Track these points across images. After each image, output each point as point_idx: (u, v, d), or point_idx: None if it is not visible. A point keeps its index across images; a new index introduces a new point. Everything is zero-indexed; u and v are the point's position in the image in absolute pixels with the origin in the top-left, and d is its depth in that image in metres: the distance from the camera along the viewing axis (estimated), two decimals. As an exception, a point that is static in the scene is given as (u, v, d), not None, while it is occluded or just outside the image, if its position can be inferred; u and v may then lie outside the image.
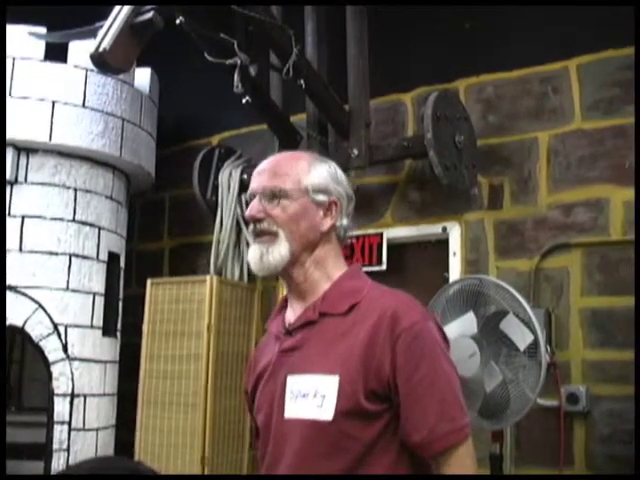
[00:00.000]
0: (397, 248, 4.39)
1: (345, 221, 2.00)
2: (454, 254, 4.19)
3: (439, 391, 1.79)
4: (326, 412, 1.78)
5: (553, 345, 3.73)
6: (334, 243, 2.00)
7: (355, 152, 4.14)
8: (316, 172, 1.95)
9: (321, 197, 1.94)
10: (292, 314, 1.98)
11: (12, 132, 4.32)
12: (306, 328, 1.91)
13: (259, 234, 1.95)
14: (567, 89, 3.99)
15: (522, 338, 3.12)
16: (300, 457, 1.81)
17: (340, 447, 1.78)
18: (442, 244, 4.26)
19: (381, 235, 4.38)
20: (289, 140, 4.40)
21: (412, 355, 1.78)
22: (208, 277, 4.49)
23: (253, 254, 1.95)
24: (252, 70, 3.64)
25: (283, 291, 4.63)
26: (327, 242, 1.97)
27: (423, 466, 1.83)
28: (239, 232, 4.69)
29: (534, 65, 4.08)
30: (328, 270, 1.97)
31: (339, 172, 2.02)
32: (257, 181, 1.98)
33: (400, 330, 1.79)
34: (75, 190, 4.53)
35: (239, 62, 3.51)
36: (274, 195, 1.92)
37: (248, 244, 4.64)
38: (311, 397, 1.81)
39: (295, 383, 1.85)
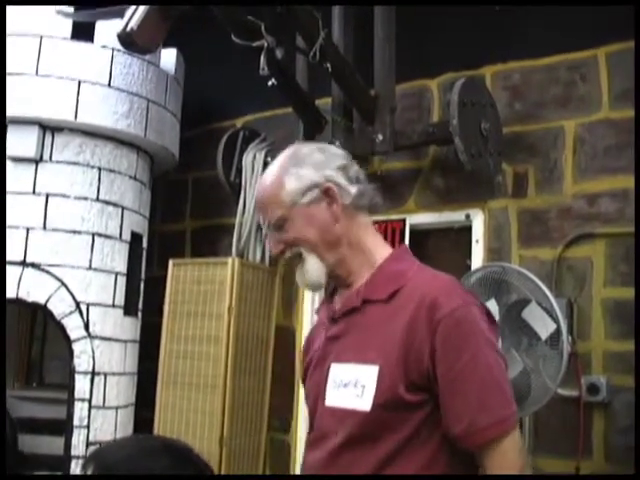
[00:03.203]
0: (420, 234, 4.38)
1: (354, 188, 1.90)
2: (477, 241, 4.17)
3: (480, 381, 1.73)
4: (365, 402, 1.76)
5: (575, 335, 3.70)
6: (361, 220, 1.93)
7: (380, 137, 4.12)
8: (289, 180, 1.88)
9: (310, 195, 1.87)
10: (339, 301, 1.94)
11: (38, 110, 4.34)
12: (350, 315, 1.88)
13: (290, 262, 1.94)
14: (595, 78, 3.95)
15: (544, 327, 3.11)
16: (339, 446, 1.80)
17: (379, 437, 1.76)
18: (465, 231, 4.25)
19: (404, 221, 4.37)
20: (314, 124, 4.40)
21: (452, 343, 1.73)
22: (230, 259, 4.50)
23: (299, 281, 1.94)
24: (278, 53, 3.62)
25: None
26: (351, 225, 1.91)
27: (466, 457, 1.78)
28: (262, 214, 4.69)
29: (562, 53, 4.04)
30: (368, 254, 1.92)
31: (314, 155, 1.92)
32: (261, 218, 1.97)
33: (440, 317, 1.74)
34: (99, 169, 4.55)
35: (266, 44, 3.50)
36: (277, 225, 1.90)
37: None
38: (352, 386, 1.79)
39: (338, 371, 1.84)
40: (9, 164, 4.38)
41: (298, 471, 4.35)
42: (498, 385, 1.75)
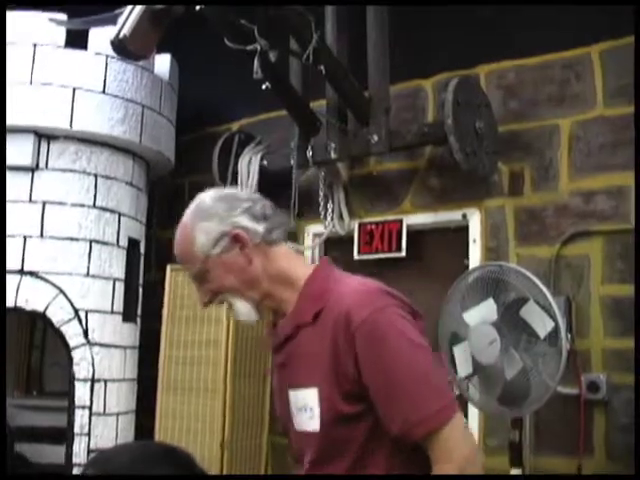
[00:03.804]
0: (417, 235, 4.38)
1: (261, 226, 1.95)
2: (474, 241, 4.18)
3: (405, 380, 1.77)
4: (315, 423, 1.85)
5: (573, 333, 3.71)
6: (277, 251, 1.99)
7: (375, 138, 4.12)
8: (199, 235, 1.93)
9: (221, 245, 1.92)
10: (279, 330, 2.00)
11: (33, 119, 4.35)
12: (288, 342, 1.95)
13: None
14: (589, 75, 3.95)
15: (542, 325, 3.11)
16: (311, 463, 1.89)
17: (337, 453, 1.84)
18: (462, 231, 4.25)
19: (401, 221, 4.37)
20: (309, 126, 4.40)
21: (371, 351, 1.78)
22: (228, 263, 4.49)
23: (237, 319, 2.02)
24: (272, 56, 3.63)
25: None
26: (267, 260, 1.96)
27: (420, 453, 1.79)
28: (258, 218, 4.69)
29: (556, 51, 4.05)
30: (291, 281, 1.97)
31: (217, 205, 1.96)
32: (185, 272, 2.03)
33: (354, 329, 1.79)
34: (95, 176, 4.56)
35: (259, 48, 3.51)
36: (199, 278, 1.96)
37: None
38: (304, 410, 1.89)
39: (293, 398, 1.92)
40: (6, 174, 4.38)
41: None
42: (424, 380, 1.79)
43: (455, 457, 1.74)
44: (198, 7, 3.36)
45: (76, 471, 4.24)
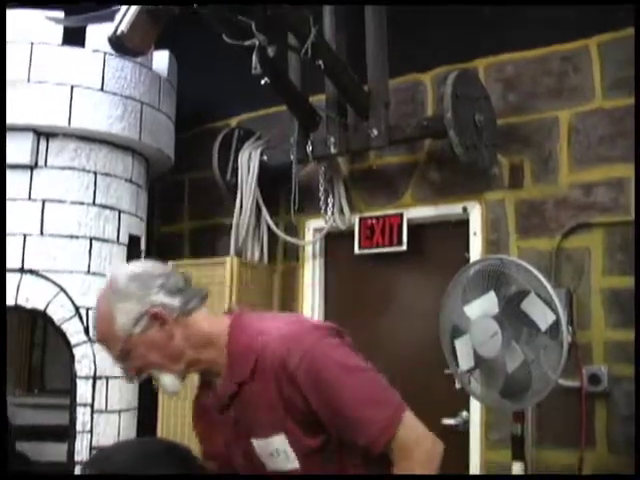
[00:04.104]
0: (417, 228, 4.38)
1: (177, 300, 2.02)
2: (475, 234, 4.18)
3: (352, 404, 1.89)
4: (293, 463, 1.98)
5: (574, 325, 3.71)
6: (196, 317, 2.05)
7: (375, 132, 4.12)
8: (119, 316, 1.98)
9: (141, 324, 1.99)
10: (219, 389, 2.08)
11: (31, 117, 4.33)
12: (235, 399, 2.03)
13: (149, 381, 2.09)
14: (587, 68, 3.95)
15: (543, 318, 3.11)
16: None
17: (320, 474, 1.98)
18: (462, 224, 4.25)
19: (401, 215, 4.37)
20: (308, 121, 4.40)
21: (315, 387, 1.89)
22: (228, 258, 4.50)
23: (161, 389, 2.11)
24: (270, 51, 3.62)
25: (304, 272, 4.65)
26: (188, 330, 2.03)
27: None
28: (259, 214, 4.69)
29: (554, 44, 4.05)
30: (216, 342, 2.04)
31: (132, 285, 2.01)
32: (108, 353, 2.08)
33: (293, 374, 1.90)
34: (95, 174, 4.54)
35: (257, 43, 3.50)
36: (122, 357, 2.03)
37: (268, 226, 4.65)
38: (278, 454, 1.99)
39: (262, 446, 2.01)
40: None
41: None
42: (368, 397, 1.93)
43: (416, 454, 1.89)
44: (195, 4, 3.35)
45: (78, 469, 4.23)
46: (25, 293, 4.30)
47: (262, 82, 3.73)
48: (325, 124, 4.38)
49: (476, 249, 4.15)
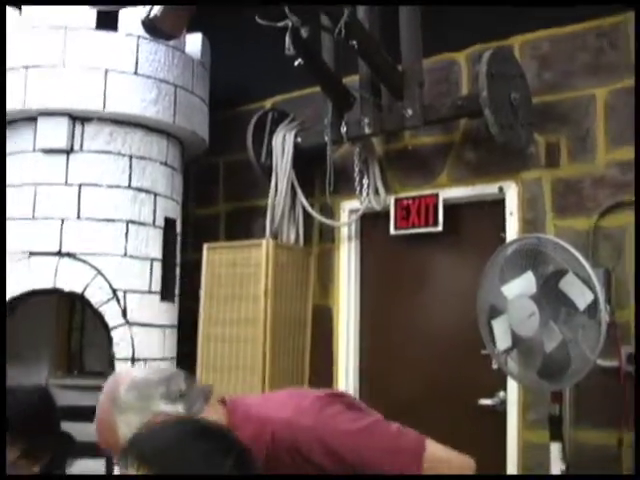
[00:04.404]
0: (453, 209, 4.36)
1: (181, 405, 1.98)
2: (511, 214, 4.14)
3: (375, 460, 1.96)
4: None
5: (613, 305, 3.66)
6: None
7: (409, 112, 4.10)
8: (121, 428, 1.95)
9: None
10: None
11: (67, 102, 4.37)
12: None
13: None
14: (624, 44, 3.88)
15: (582, 297, 3.08)
16: None
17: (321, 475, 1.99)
18: (499, 204, 4.21)
19: (437, 196, 4.35)
20: (342, 102, 4.38)
21: (333, 461, 1.94)
22: (264, 241, 4.51)
23: None
24: (303, 32, 3.61)
25: (340, 254, 4.63)
26: None
27: None
28: (294, 195, 4.70)
29: (590, 19, 3.99)
30: None
31: (131, 395, 1.99)
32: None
33: (307, 456, 1.94)
34: (130, 157, 4.57)
35: (290, 24, 3.49)
36: None
37: (304, 207, 4.65)
38: None
39: None
40: (40, 156, 4.42)
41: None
42: (387, 448, 1.99)
43: (447, 471, 1.98)
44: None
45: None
46: (63, 276, 4.35)
47: (295, 63, 3.72)
48: (359, 105, 4.37)
49: (512, 229, 4.11)
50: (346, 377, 4.59)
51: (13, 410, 2.41)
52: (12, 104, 4.41)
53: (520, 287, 3.23)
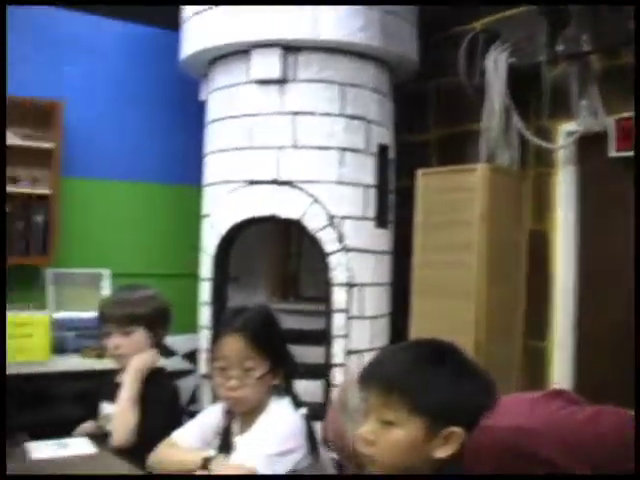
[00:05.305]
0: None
1: None
2: None
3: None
4: None
5: None
6: None
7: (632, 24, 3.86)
8: None
9: None
10: None
11: (279, 32, 4.45)
12: None
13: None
14: None
15: None
16: None
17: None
18: None
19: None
20: (557, 18, 4.19)
21: (569, 444, 1.99)
22: (479, 165, 4.44)
23: None
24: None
25: (556, 178, 4.48)
26: None
27: None
28: (508, 119, 4.57)
29: None
30: None
31: None
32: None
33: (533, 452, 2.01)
34: (342, 85, 4.61)
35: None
36: None
37: (519, 130, 4.52)
38: None
39: None
40: (254, 87, 4.55)
41: (554, 379, 4.28)
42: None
43: None
44: None
45: (335, 371, 4.42)
46: (279, 204, 4.49)
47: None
48: (576, 20, 4.16)
49: None
50: (564, 303, 4.47)
51: (257, 325, 2.51)
52: (224, 39, 4.54)
53: None
